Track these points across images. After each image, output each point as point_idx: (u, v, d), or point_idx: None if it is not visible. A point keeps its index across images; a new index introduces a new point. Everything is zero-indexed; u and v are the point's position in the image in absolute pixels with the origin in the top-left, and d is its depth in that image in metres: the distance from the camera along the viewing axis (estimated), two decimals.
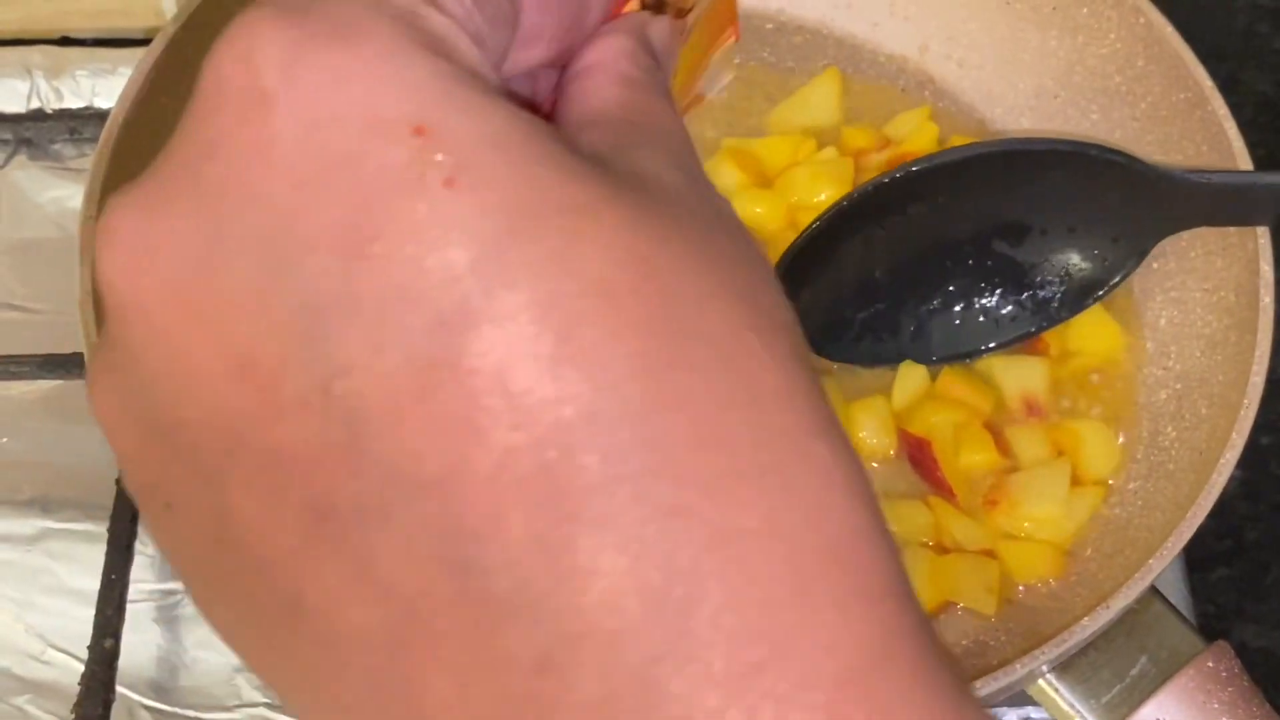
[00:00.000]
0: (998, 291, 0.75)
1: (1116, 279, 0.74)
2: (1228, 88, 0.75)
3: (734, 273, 0.29)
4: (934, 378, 0.75)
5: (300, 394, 0.27)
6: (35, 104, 0.92)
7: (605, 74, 0.34)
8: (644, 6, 0.40)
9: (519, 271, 0.27)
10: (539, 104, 0.36)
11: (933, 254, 0.74)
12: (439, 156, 0.27)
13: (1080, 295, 0.75)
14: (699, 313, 0.28)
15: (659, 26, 0.37)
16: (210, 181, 0.28)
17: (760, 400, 0.28)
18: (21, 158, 0.92)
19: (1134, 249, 0.73)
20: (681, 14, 0.43)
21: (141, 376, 0.29)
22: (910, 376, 0.75)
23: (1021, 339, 0.75)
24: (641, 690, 0.26)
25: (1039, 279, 0.75)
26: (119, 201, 0.29)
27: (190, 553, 0.31)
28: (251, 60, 0.28)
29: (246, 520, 0.29)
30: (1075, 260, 0.74)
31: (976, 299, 0.75)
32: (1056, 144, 0.72)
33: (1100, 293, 0.75)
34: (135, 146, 0.72)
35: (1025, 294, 0.75)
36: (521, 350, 0.26)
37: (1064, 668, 0.65)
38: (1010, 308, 0.75)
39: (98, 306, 0.28)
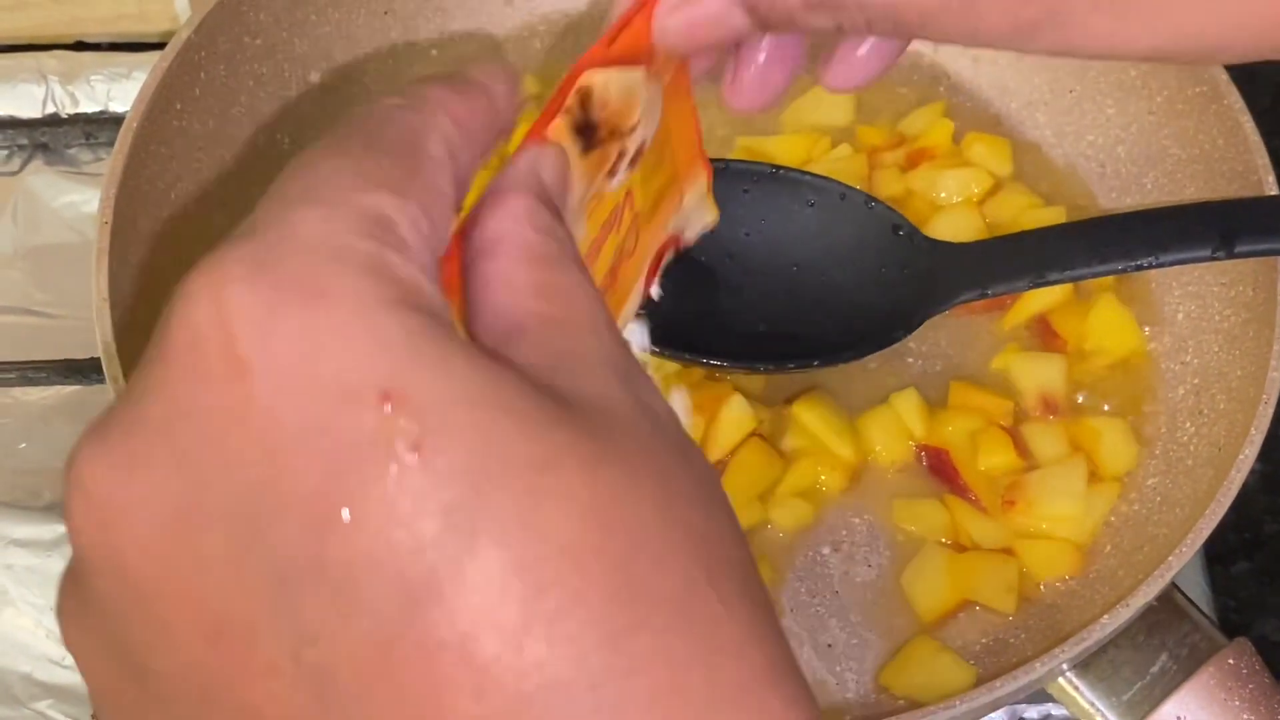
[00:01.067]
0: (798, 318, 0.74)
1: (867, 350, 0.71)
2: (1243, 78, 0.75)
3: (689, 511, 0.30)
4: (934, 393, 0.75)
5: (271, 660, 0.28)
6: (50, 109, 0.92)
7: (511, 253, 0.34)
8: (574, 129, 0.40)
9: (484, 540, 0.27)
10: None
11: (750, 265, 0.74)
12: (405, 423, 0.28)
13: (842, 350, 0.71)
14: (659, 570, 0.29)
15: (549, 161, 0.37)
16: (186, 444, 0.29)
17: (716, 654, 0.29)
18: (37, 162, 0.92)
19: (901, 323, 0.70)
20: (617, 135, 0.43)
21: (115, 624, 0.30)
22: (906, 400, 0.75)
23: (805, 368, 0.72)
24: None
25: (819, 317, 0.74)
26: (91, 453, 0.30)
27: None
28: (226, 323, 0.28)
29: None
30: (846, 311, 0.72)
31: (784, 319, 0.74)
32: (810, 177, 0.72)
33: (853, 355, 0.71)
34: (150, 152, 0.72)
35: (809, 327, 0.74)
36: (486, 622, 0.27)
37: (1084, 665, 0.65)
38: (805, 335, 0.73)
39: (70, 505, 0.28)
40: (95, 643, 0.31)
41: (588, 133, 0.41)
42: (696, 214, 0.52)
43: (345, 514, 0.27)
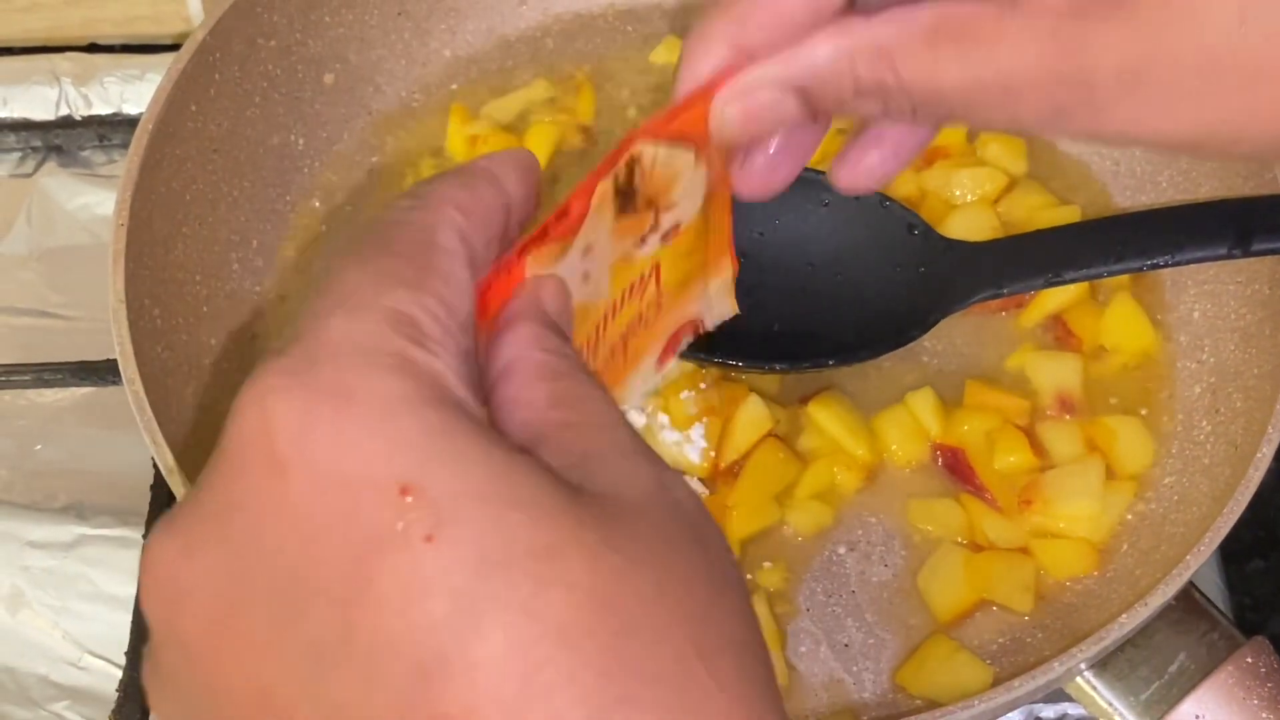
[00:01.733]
0: (813, 317, 0.74)
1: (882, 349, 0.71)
2: None
3: (688, 598, 0.33)
4: (950, 391, 0.75)
5: None
6: (64, 111, 0.93)
7: (524, 374, 0.37)
8: (617, 190, 0.43)
9: (487, 621, 0.30)
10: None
11: (765, 264, 0.73)
12: (420, 513, 0.31)
13: (857, 350, 0.71)
14: (650, 649, 0.31)
15: (550, 291, 0.41)
16: (235, 533, 0.33)
17: None
18: (51, 164, 0.92)
19: (917, 322, 0.71)
20: (652, 205, 0.45)
21: (183, 692, 0.34)
22: (922, 400, 0.74)
23: (821, 367, 0.73)
24: None
25: (834, 317, 0.73)
26: (161, 538, 0.34)
27: None
28: (269, 428, 0.32)
29: None
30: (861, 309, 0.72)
31: (799, 318, 0.74)
32: (825, 176, 0.72)
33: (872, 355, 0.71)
34: (165, 153, 0.72)
35: (824, 326, 0.74)
36: (489, 698, 0.30)
37: (1102, 665, 0.64)
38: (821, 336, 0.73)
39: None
40: (171, 708, 0.35)
41: (627, 196, 0.43)
42: (719, 303, 0.54)
43: (368, 596, 0.31)
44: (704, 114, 0.45)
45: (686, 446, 0.73)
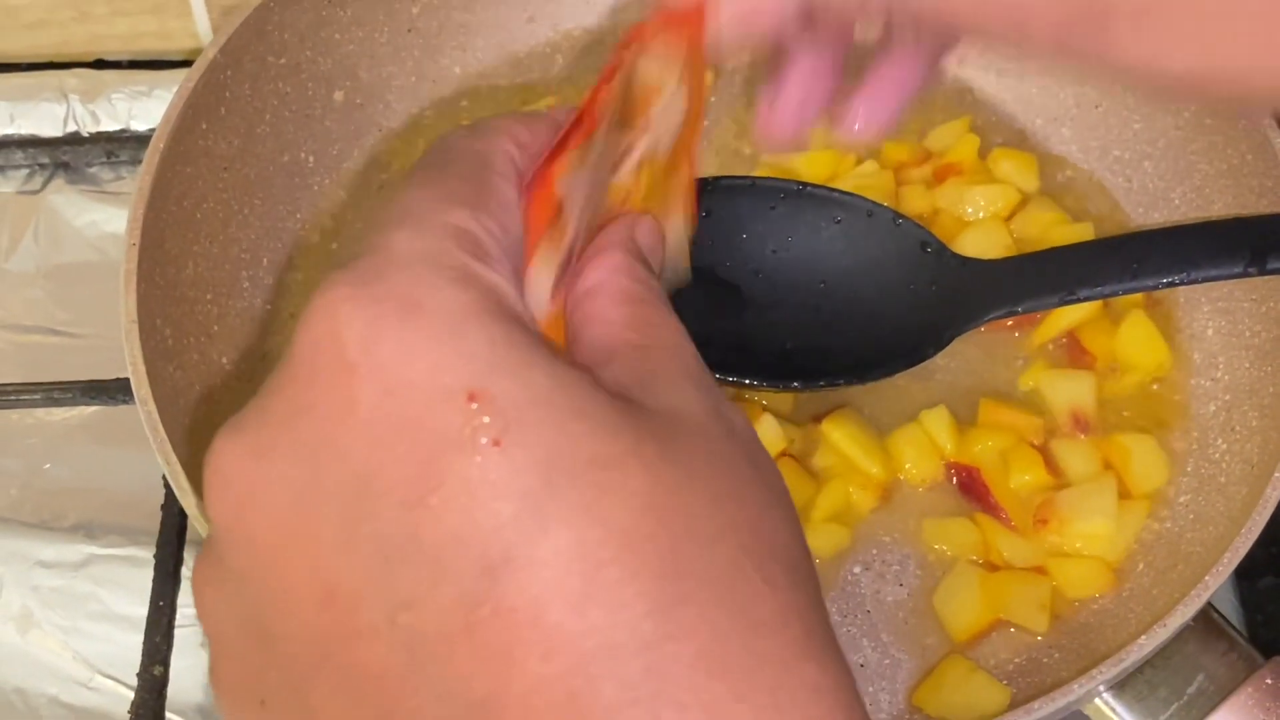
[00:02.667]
0: (827, 335, 0.73)
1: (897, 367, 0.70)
2: None
3: (742, 509, 0.34)
4: (964, 409, 0.75)
5: (372, 622, 0.32)
6: (71, 127, 0.92)
7: (608, 295, 0.40)
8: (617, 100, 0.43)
9: (553, 522, 0.31)
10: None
11: (778, 282, 0.73)
12: (488, 419, 0.32)
13: (871, 368, 0.70)
14: (706, 553, 0.32)
15: (644, 229, 0.44)
16: (305, 437, 0.34)
17: (757, 627, 0.32)
18: (59, 181, 0.92)
19: (931, 340, 0.70)
20: (632, 122, 0.45)
21: (246, 594, 0.35)
22: (936, 418, 0.74)
23: (835, 386, 0.72)
24: None
25: (847, 335, 0.73)
26: (227, 444, 0.35)
27: None
28: (337, 335, 0.33)
29: None
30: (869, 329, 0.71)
31: (813, 336, 0.73)
32: (837, 194, 0.72)
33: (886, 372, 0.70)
34: (176, 172, 0.72)
35: (837, 344, 0.73)
36: (554, 591, 0.31)
37: (1120, 686, 0.64)
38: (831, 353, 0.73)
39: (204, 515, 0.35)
40: (227, 610, 0.36)
41: (626, 106, 0.45)
42: (672, 261, 0.53)
43: (436, 497, 0.32)
44: (698, 26, 0.45)
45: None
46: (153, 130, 0.72)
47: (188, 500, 0.64)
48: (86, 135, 0.92)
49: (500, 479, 0.32)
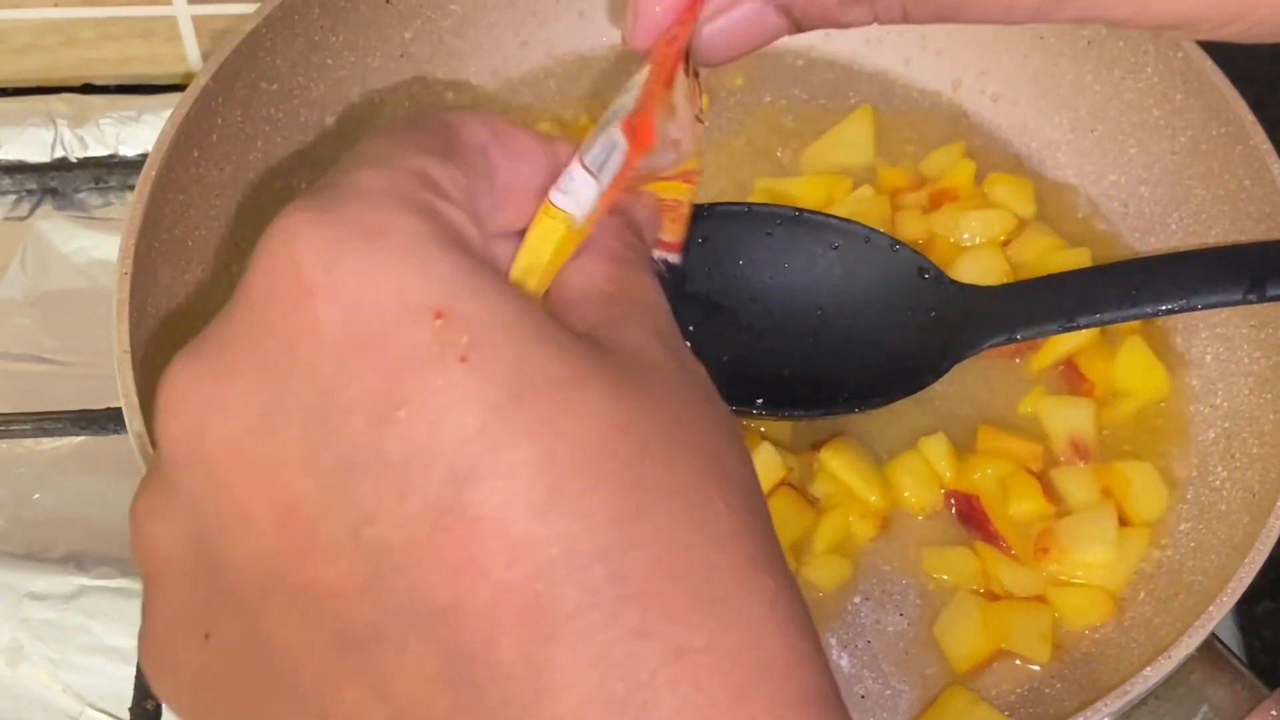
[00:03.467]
0: (824, 362, 0.73)
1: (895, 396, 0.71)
2: (1255, 110, 0.75)
3: (699, 436, 0.35)
4: (962, 436, 0.75)
5: (334, 538, 0.32)
6: (60, 153, 0.92)
7: (595, 250, 0.40)
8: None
9: (519, 434, 0.32)
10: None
11: (775, 309, 0.73)
12: (455, 337, 0.32)
13: (869, 396, 0.71)
14: (667, 469, 0.33)
15: (644, 204, 0.44)
16: (268, 356, 0.34)
17: (716, 541, 0.33)
18: (47, 207, 0.91)
19: (930, 368, 0.70)
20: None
21: (196, 521, 0.35)
22: (935, 446, 0.74)
23: (833, 413, 0.72)
24: None
25: (846, 362, 0.73)
26: (185, 367, 0.35)
27: (221, 680, 0.35)
28: (296, 256, 0.33)
29: (282, 648, 0.34)
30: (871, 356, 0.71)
31: (810, 363, 0.73)
32: (834, 220, 0.71)
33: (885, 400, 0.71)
34: (168, 200, 0.72)
35: (835, 371, 0.73)
36: (519, 500, 0.32)
37: (1124, 718, 0.64)
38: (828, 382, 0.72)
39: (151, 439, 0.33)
40: (172, 541, 0.35)
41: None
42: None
43: (403, 411, 0.32)
44: (675, 47, 0.45)
45: None
46: (141, 155, 0.71)
47: None
48: (75, 161, 0.92)
49: (467, 393, 0.32)
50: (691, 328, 0.73)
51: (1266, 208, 0.73)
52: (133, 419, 0.65)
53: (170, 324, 0.72)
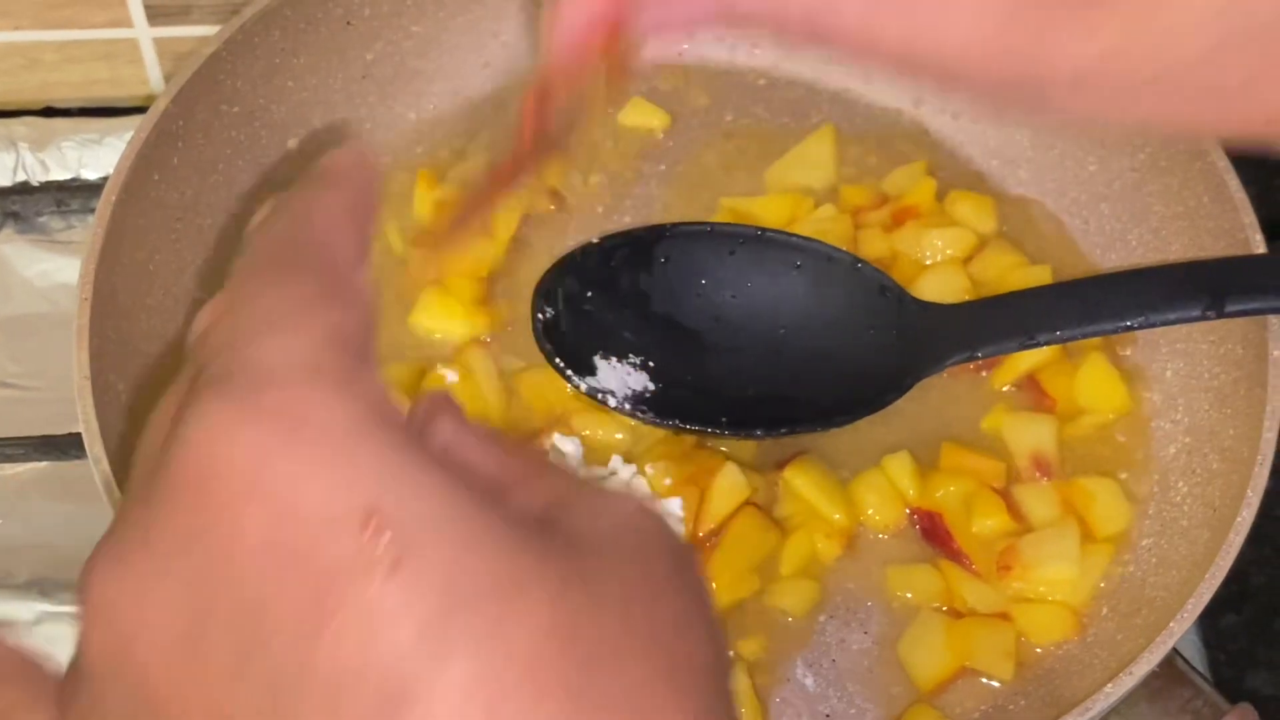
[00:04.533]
0: (788, 381, 0.74)
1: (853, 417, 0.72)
2: None
3: (655, 627, 0.34)
4: (925, 452, 0.75)
5: None
6: (21, 176, 0.91)
7: (475, 443, 0.37)
8: None
9: (454, 649, 0.30)
10: None
11: (738, 328, 0.74)
12: (385, 544, 0.31)
13: (833, 414, 0.72)
14: (615, 674, 0.32)
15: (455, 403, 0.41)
16: (195, 565, 0.32)
17: None
18: (8, 231, 0.90)
19: (892, 385, 0.72)
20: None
21: None
22: (898, 464, 0.74)
23: (797, 433, 0.74)
24: None
25: (809, 381, 0.73)
26: (108, 571, 0.33)
27: None
28: (220, 460, 0.32)
29: None
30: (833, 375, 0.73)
31: (774, 382, 0.74)
32: (796, 239, 0.73)
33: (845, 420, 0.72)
34: (129, 224, 0.72)
35: (799, 390, 0.73)
36: None
37: None
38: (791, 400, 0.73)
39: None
40: None
41: None
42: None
43: (331, 628, 0.30)
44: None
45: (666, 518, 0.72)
46: (104, 179, 0.71)
47: None
48: (36, 184, 0.91)
49: (398, 606, 0.30)
50: (655, 348, 0.73)
51: (1225, 224, 0.73)
52: (93, 445, 0.64)
53: (131, 348, 0.71)
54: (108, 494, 0.63)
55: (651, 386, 0.72)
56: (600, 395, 0.71)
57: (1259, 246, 0.72)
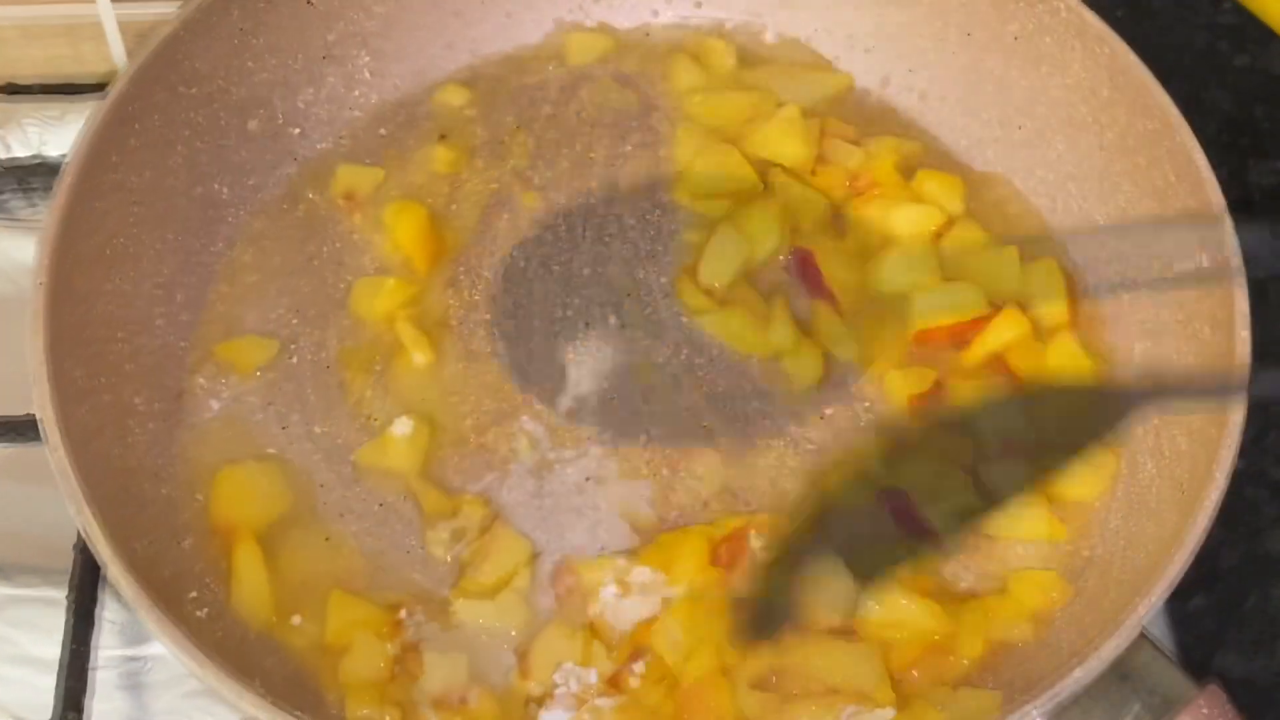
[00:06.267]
0: None
1: None
2: (1189, 106, 0.74)
3: None
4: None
5: None
6: None
7: None
8: None
9: None
10: None
11: None
12: None
13: None
14: None
15: None
16: None
17: None
18: None
19: None
20: None
21: None
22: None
23: None
24: None
25: None
26: None
27: None
28: None
29: None
30: None
31: None
32: None
33: None
34: (86, 208, 0.71)
35: None
36: None
37: (1056, 717, 0.64)
38: None
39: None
40: None
41: None
42: None
43: None
44: None
45: None
46: (66, 157, 0.70)
47: (99, 546, 0.62)
48: None
49: None
50: None
51: (1192, 202, 0.73)
52: (50, 432, 0.64)
53: (89, 333, 0.71)
54: (63, 481, 0.63)
55: None
56: None
57: (1227, 224, 0.71)
